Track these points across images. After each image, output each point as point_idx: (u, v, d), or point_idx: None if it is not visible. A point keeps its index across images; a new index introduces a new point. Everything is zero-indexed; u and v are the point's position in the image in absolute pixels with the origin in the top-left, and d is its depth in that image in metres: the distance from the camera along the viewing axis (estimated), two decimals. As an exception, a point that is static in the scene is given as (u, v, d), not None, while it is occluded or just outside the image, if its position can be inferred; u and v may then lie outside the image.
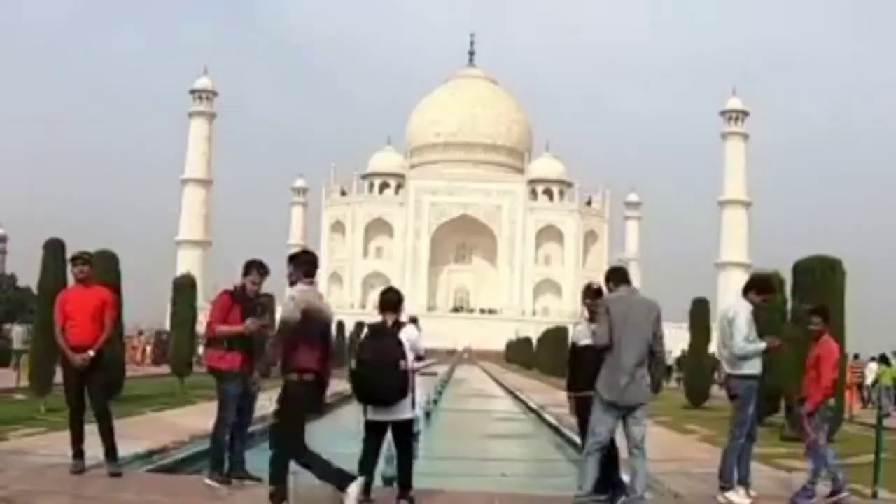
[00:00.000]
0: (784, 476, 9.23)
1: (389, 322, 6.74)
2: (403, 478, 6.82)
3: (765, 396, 15.60)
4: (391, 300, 6.82)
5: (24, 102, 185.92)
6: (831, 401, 7.91)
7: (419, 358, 6.99)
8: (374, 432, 6.78)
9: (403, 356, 6.53)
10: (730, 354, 7.44)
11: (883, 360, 24.03)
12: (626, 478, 6.98)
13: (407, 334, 6.67)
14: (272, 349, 7.33)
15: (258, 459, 8.52)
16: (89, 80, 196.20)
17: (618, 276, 6.98)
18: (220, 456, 7.48)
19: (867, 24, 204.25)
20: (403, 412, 6.65)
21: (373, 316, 7.25)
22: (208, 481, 7.30)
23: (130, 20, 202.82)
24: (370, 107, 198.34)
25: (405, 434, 6.77)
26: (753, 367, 7.45)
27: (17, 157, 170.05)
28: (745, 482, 7.48)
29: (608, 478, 7.19)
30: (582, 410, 7.19)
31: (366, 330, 6.89)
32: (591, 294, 7.35)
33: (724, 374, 7.70)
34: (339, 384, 25.60)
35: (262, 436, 10.71)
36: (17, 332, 25.33)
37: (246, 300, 7.45)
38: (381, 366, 6.49)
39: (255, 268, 7.56)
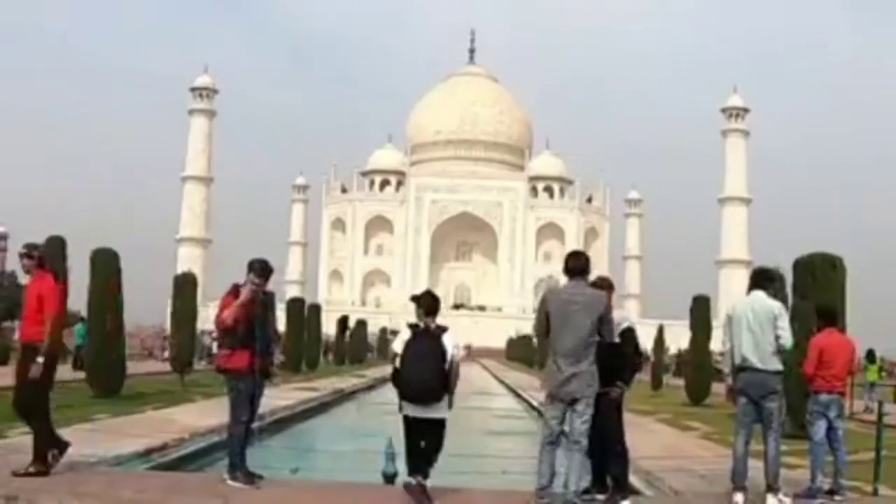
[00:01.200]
0: (784, 473, 9.21)
1: (431, 325, 6.88)
2: (424, 465, 6.88)
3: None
4: (430, 305, 6.96)
5: (25, 99, 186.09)
6: (824, 396, 7.86)
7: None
8: (412, 429, 6.87)
9: (444, 358, 6.72)
10: (776, 350, 7.23)
11: (869, 356, 24.00)
12: (634, 482, 6.94)
13: (449, 338, 6.82)
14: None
15: (258, 456, 8.53)
16: (89, 77, 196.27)
17: (573, 263, 6.85)
18: (239, 455, 7.42)
19: (868, 21, 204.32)
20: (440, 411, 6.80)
21: (372, 314, 7.26)
22: (231, 483, 7.21)
23: (130, 17, 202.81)
24: (371, 104, 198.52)
25: (439, 431, 6.89)
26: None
27: (18, 154, 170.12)
28: (743, 485, 7.38)
29: (616, 477, 7.13)
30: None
31: (409, 331, 6.92)
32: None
33: (756, 370, 7.26)
34: (340, 382, 25.62)
35: (261, 433, 10.74)
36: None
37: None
38: (425, 365, 6.68)
39: (255, 270, 7.53)
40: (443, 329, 6.86)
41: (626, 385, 7.13)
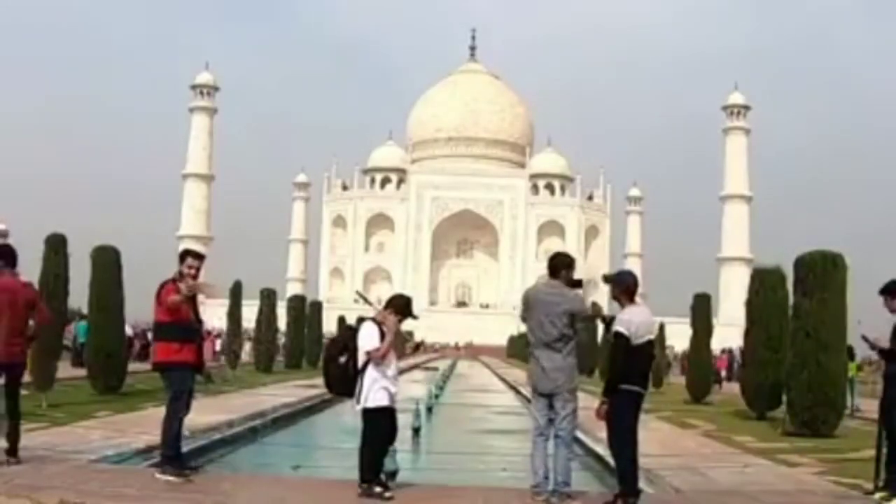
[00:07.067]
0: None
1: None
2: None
3: (766, 391, 15.63)
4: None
5: (26, 97, 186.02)
6: None
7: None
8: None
9: (343, 352, 6.89)
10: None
11: (849, 353, 23.93)
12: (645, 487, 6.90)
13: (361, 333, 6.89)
14: None
15: (260, 453, 8.52)
16: (90, 74, 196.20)
17: (551, 264, 7.01)
18: (178, 450, 7.56)
19: (870, 18, 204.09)
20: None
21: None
22: (164, 476, 7.23)
23: (131, 14, 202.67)
24: (372, 102, 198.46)
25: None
26: None
27: (19, 152, 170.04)
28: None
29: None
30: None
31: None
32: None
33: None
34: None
35: (263, 431, 10.71)
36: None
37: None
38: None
39: (190, 255, 7.67)
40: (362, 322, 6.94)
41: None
